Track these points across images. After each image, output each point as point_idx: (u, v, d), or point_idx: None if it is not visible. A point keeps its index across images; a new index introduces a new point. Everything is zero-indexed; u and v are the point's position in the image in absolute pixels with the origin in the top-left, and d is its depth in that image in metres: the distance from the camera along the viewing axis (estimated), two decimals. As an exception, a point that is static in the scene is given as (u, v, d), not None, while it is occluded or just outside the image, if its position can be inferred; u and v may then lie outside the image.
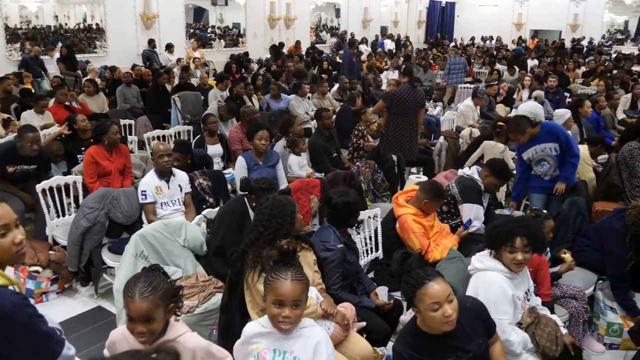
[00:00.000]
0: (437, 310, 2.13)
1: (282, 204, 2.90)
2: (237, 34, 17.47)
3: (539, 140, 4.68)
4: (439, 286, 2.16)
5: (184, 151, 4.90)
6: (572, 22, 22.75)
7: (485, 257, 2.79)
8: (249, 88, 8.29)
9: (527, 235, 2.64)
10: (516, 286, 2.74)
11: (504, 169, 4.14)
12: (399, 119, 5.80)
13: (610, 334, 3.77)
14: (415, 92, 5.83)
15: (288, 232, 2.84)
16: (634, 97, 9.39)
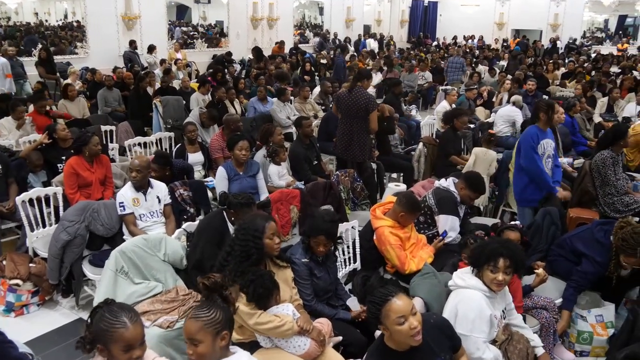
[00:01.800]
0: (403, 323, 2.24)
1: (245, 228, 2.98)
2: (220, 32, 17.41)
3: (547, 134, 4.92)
4: (402, 301, 2.27)
5: (162, 163, 4.92)
6: (552, 22, 23.03)
7: (466, 274, 2.88)
8: (230, 92, 8.31)
9: (510, 256, 2.74)
10: (494, 305, 2.84)
11: (480, 183, 4.22)
12: (345, 121, 5.88)
13: (581, 342, 3.88)
14: (354, 95, 5.80)
15: (256, 255, 2.90)
16: (610, 101, 9.58)
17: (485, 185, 4.37)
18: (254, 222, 2.99)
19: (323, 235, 3.25)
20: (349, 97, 5.80)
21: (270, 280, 2.84)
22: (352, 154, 5.84)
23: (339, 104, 6.01)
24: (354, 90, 5.80)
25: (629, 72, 13.33)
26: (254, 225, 2.98)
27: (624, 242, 3.50)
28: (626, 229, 3.52)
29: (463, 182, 4.20)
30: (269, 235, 2.97)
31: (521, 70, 12.19)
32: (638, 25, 23.22)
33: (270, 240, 2.98)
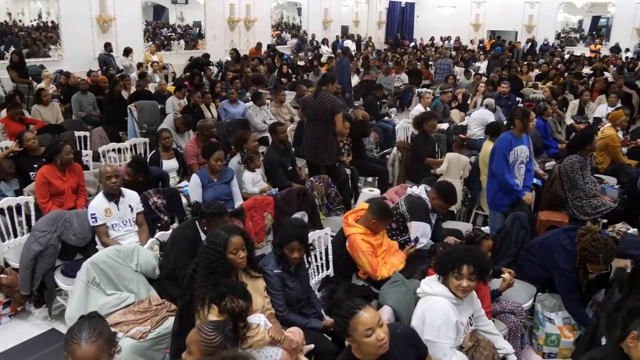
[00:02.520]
0: (370, 335, 2.29)
1: (209, 242, 3.01)
2: (198, 33, 17.33)
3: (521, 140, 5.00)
4: (368, 314, 2.33)
5: (137, 168, 4.95)
6: (527, 23, 23.37)
7: (434, 282, 2.94)
8: (206, 97, 8.29)
9: (474, 263, 2.81)
10: (461, 312, 2.90)
11: (452, 194, 4.29)
12: (312, 124, 5.96)
13: (549, 344, 3.97)
14: (319, 99, 5.87)
15: (221, 270, 2.93)
16: (581, 103, 9.76)
17: (456, 195, 4.43)
18: (218, 236, 2.99)
19: (296, 240, 3.29)
20: (315, 101, 5.88)
21: (242, 292, 2.86)
22: (321, 157, 5.92)
23: (305, 109, 6.09)
24: (320, 94, 5.87)
25: (601, 74, 13.60)
26: (217, 239, 2.98)
27: (585, 251, 3.60)
28: (586, 237, 3.62)
29: (435, 192, 4.26)
30: (231, 251, 2.97)
31: (496, 72, 12.34)
32: (610, 26, 23.62)
33: (233, 255, 2.98)
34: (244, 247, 3.02)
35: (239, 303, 2.45)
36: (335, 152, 6.02)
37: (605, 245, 3.57)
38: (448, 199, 4.25)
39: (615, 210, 5.45)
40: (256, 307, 3.07)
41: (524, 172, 5.12)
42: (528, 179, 5.19)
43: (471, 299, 3.03)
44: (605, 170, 6.88)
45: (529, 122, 4.89)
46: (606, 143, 6.90)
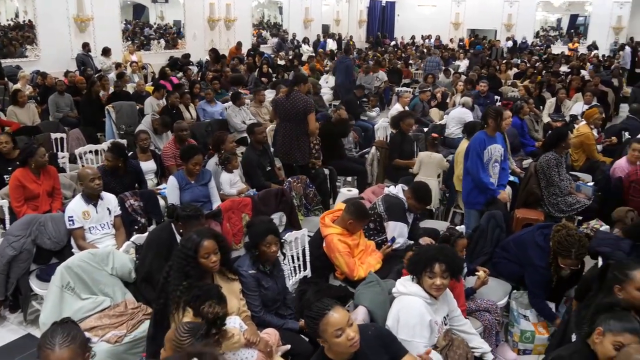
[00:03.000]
0: (340, 335, 2.32)
1: (182, 246, 3.02)
2: (177, 32, 17.21)
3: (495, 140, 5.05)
4: (338, 314, 2.36)
5: (117, 153, 5.06)
6: (506, 22, 23.60)
7: (408, 282, 2.97)
8: (185, 97, 8.25)
9: (446, 261, 2.85)
10: (435, 311, 2.94)
11: (426, 194, 4.32)
12: (285, 125, 6.02)
13: (524, 341, 4.04)
14: (292, 100, 5.93)
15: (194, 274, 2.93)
16: (558, 101, 9.89)
17: (431, 195, 4.47)
18: (189, 240, 2.99)
19: (270, 234, 3.32)
20: (288, 101, 5.94)
21: (217, 295, 2.86)
22: (293, 157, 5.98)
23: (277, 109, 6.13)
24: (292, 95, 5.93)
25: (578, 72, 13.79)
26: (188, 244, 2.98)
27: (559, 245, 3.66)
28: (561, 232, 3.68)
29: (410, 192, 4.30)
30: (203, 255, 2.97)
31: (475, 71, 12.45)
32: (588, 25, 23.94)
33: (205, 259, 2.98)
34: (217, 250, 3.02)
35: (215, 309, 2.45)
36: (308, 152, 6.08)
37: (579, 241, 3.65)
38: (422, 199, 4.29)
39: (590, 207, 5.54)
40: (232, 309, 3.07)
41: (498, 171, 5.19)
42: (502, 178, 5.26)
43: (446, 299, 3.06)
44: (580, 167, 6.98)
45: (502, 122, 4.95)
46: (581, 141, 7.00)
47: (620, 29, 21.66)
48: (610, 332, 2.34)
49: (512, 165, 6.71)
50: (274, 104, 6.24)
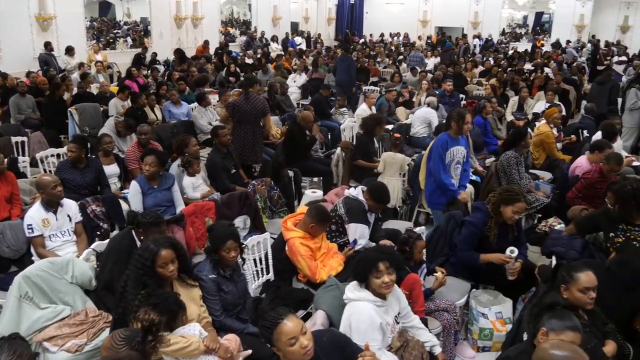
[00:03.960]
0: (294, 344, 2.37)
1: (138, 256, 3.03)
2: (144, 30, 16.99)
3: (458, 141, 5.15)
4: (292, 323, 2.40)
5: (80, 143, 5.17)
6: (473, 20, 23.94)
7: (356, 287, 3.02)
8: (150, 98, 8.17)
9: (387, 258, 2.93)
10: (386, 312, 3.00)
11: (383, 194, 4.40)
12: (241, 126, 6.20)
13: (483, 338, 4.14)
14: (251, 101, 6.22)
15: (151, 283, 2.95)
16: (520, 100, 10.09)
17: (389, 195, 4.54)
18: (146, 250, 3.00)
19: (231, 239, 3.35)
20: (247, 103, 6.17)
21: (175, 302, 2.88)
22: (247, 158, 6.22)
23: (234, 112, 6.28)
24: (250, 97, 6.17)
25: (541, 70, 14.06)
26: (145, 254, 3.00)
27: (505, 192, 3.99)
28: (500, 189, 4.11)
29: (367, 194, 4.37)
30: (160, 265, 2.99)
31: (440, 70, 12.59)
32: (552, 22, 24.44)
33: (162, 269, 3.00)
34: (174, 259, 3.03)
35: (150, 316, 2.46)
36: (261, 153, 6.37)
37: (520, 188, 4.10)
38: (379, 199, 4.36)
39: (549, 205, 5.69)
40: (192, 316, 3.10)
41: (460, 172, 5.29)
42: (463, 179, 5.39)
43: (396, 298, 3.14)
44: (541, 165, 7.15)
45: (464, 125, 5.06)
46: (541, 139, 7.17)
47: (583, 27, 22.17)
48: (553, 332, 2.44)
49: (474, 164, 6.85)
50: (231, 106, 6.36)
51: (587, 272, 2.92)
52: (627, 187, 3.65)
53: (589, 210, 4.78)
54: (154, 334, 2.50)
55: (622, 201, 3.65)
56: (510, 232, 4.22)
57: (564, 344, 2.25)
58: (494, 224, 4.10)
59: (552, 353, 2.19)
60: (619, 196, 3.67)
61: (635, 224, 3.73)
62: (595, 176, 5.29)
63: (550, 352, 2.20)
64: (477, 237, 4.13)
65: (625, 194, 3.64)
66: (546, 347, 2.24)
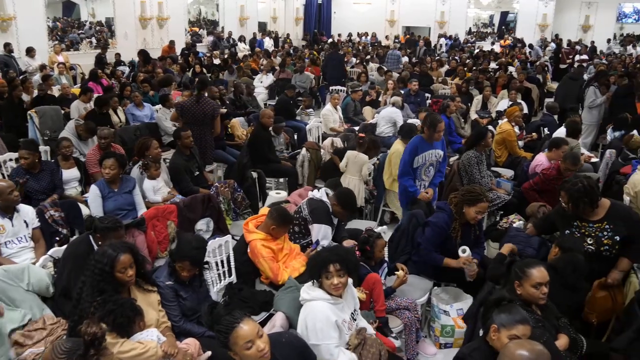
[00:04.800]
0: (251, 348, 2.38)
1: (95, 261, 2.98)
2: (108, 30, 16.70)
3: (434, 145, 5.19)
4: (247, 326, 2.41)
5: (32, 148, 5.09)
6: (439, 19, 24.22)
7: (311, 287, 3.04)
8: (113, 101, 8.05)
9: (338, 260, 2.93)
10: (341, 310, 3.02)
11: (350, 202, 4.44)
12: (191, 128, 6.22)
13: (444, 335, 4.21)
14: (201, 104, 6.38)
15: (109, 289, 2.91)
16: (484, 99, 10.25)
17: (355, 203, 4.56)
18: (105, 255, 2.97)
19: (188, 261, 3.33)
20: (198, 105, 6.30)
21: (131, 308, 2.86)
22: (203, 158, 6.31)
23: (184, 113, 6.38)
24: (202, 99, 6.34)
25: (505, 69, 14.30)
26: (103, 259, 2.96)
27: (467, 193, 4.07)
28: (463, 190, 4.18)
29: (335, 199, 4.39)
30: (119, 270, 2.97)
31: (406, 69, 12.70)
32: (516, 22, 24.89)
33: (121, 274, 2.98)
34: (133, 264, 3.01)
35: (92, 329, 2.43)
36: (211, 155, 6.65)
37: (481, 189, 4.15)
38: (346, 206, 4.40)
39: (510, 202, 5.80)
40: (150, 321, 3.07)
41: (433, 173, 5.41)
42: (436, 177, 5.49)
43: (352, 294, 3.17)
44: (503, 163, 7.29)
45: (434, 133, 5.11)
46: (503, 138, 7.30)
47: (546, 26, 22.62)
48: (504, 328, 2.49)
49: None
50: (181, 108, 6.45)
51: (539, 268, 2.99)
52: (578, 185, 3.74)
53: (547, 207, 4.88)
54: (97, 347, 2.46)
55: (575, 199, 3.74)
56: (473, 231, 4.30)
57: (527, 343, 2.30)
58: (458, 225, 4.17)
59: (519, 354, 2.23)
60: (572, 194, 3.75)
61: (589, 221, 3.82)
62: (553, 173, 5.41)
63: (518, 352, 2.25)
64: (441, 237, 4.19)
65: (577, 192, 3.73)
66: (511, 348, 2.28)
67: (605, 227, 3.75)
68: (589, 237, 3.79)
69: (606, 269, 3.76)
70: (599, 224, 3.78)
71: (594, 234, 3.77)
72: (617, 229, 3.71)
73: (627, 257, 3.73)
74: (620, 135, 7.73)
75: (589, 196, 3.72)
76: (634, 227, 3.73)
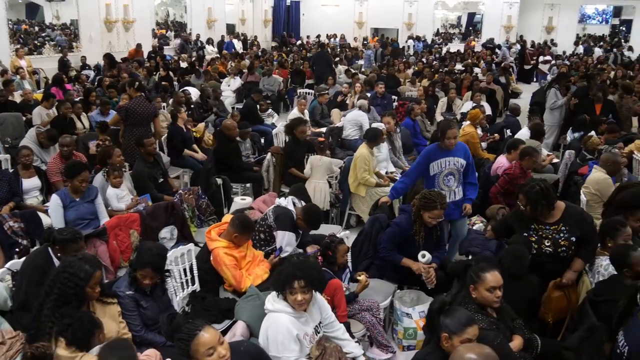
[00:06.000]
0: (212, 354, 2.43)
1: (70, 273, 2.96)
2: (72, 33, 16.39)
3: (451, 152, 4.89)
4: (208, 334, 2.46)
5: None
6: (407, 21, 24.48)
7: (275, 298, 3.06)
8: (76, 106, 7.94)
9: (303, 276, 2.94)
10: (304, 323, 3.04)
11: (316, 220, 4.45)
12: (135, 129, 6.43)
13: (407, 337, 4.27)
14: (145, 105, 6.63)
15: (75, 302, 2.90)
16: (449, 101, 10.41)
17: (320, 220, 4.56)
18: (81, 268, 2.96)
19: (149, 268, 3.33)
20: (140, 106, 6.50)
21: (90, 322, 2.84)
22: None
23: (130, 115, 6.48)
24: (141, 101, 6.59)
25: (471, 70, 14.52)
26: (80, 271, 2.96)
27: (424, 199, 4.14)
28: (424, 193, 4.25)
29: (301, 214, 4.42)
30: (92, 285, 2.97)
31: (373, 71, 12.78)
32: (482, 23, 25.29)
33: (91, 290, 2.99)
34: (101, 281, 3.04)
35: (36, 351, 2.41)
36: None
37: (439, 195, 4.20)
38: (309, 223, 4.44)
39: (473, 203, 5.89)
40: (110, 333, 3.06)
41: (453, 183, 4.96)
42: (470, 192, 5.09)
43: (318, 307, 3.18)
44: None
45: (445, 139, 4.82)
46: (467, 140, 7.42)
47: (511, 28, 23.06)
48: (454, 334, 2.55)
49: (404, 165, 7.04)
50: (124, 110, 6.53)
51: (493, 272, 3.07)
52: (536, 188, 3.83)
53: (506, 209, 4.99)
54: None
55: (533, 202, 3.82)
56: (434, 232, 4.38)
57: (475, 347, 2.36)
58: (420, 227, 4.26)
59: (468, 357, 2.29)
60: (530, 197, 3.83)
61: (546, 223, 3.92)
62: (516, 172, 5.55)
63: (468, 355, 2.31)
64: (400, 237, 4.28)
65: (535, 194, 3.81)
66: (461, 351, 2.34)
67: (561, 228, 3.85)
68: (546, 239, 3.88)
69: (564, 269, 3.87)
70: (555, 225, 3.87)
71: (551, 236, 3.86)
72: (572, 230, 3.82)
73: (580, 257, 3.84)
74: (579, 136, 7.94)
75: (547, 198, 3.81)
76: (586, 229, 3.85)
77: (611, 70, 14.79)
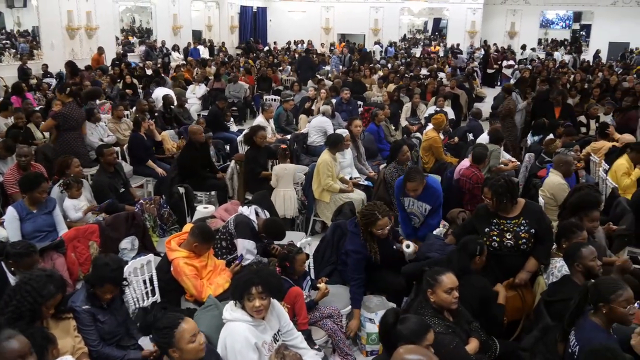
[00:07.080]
0: (194, 341, 2.63)
1: (32, 288, 2.91)
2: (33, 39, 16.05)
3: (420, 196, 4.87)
4: (188, 324, 2.66)
5: None
6: (373, 27, 24.71)
7: (233, 307, 3.06)
8: (35, 116, 7.78)
9: (261, 283, 2.95)
10: (263, 332, 3.04)
11: (278, 232, 4.49)
12: (69, 134, 6.69)
13: (370, 343, 4.30)
14: (78, 110, 6.87)
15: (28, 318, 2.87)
16: (413, 106, 10.53)
17: (283, 233, 4.56)
18: (45, 286, 2.92)
19: (109, 284, 3.30)
20: (75, 112, 6.79)
21: (43, 337, 2.79)
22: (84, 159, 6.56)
23: (67, 120, 6.66)
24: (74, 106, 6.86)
25: (436, 75, 14.71)
26: (43, 289, 2.91)
27: (364, 217, 4.17)
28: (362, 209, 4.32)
29: (263, 226, 4.44)
30: (48, 305, 2.94)
31: (339, 78, 12.85)
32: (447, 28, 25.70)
33: (47, 309, 2.95)
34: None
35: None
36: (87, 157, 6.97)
37: (375, 204, 4.26)
38: (271, 235, 4.48)
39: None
40: (65, 348, 3.02)
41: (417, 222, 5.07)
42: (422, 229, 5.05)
43: (276, 316, 3.19)
44: (431, 169, 7.50)
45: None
46: (430, 144, 7.54)
47: (475, 33, 23.46)
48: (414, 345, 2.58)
49: (367, 171, 7.08)
50: (61, 116, 6.66)
51: (448, 274, 3.14)
52: (501, 181, 3.95)
53: (466, 213, 5.07)
54: None
55: (499, 195, 3.92)
56: (386, 243, 4.40)
57: (416, 349, 2.39)
58: (372, 244, 4.26)
59: (406, 358, 2.32)
60: (495, 190, 3.92)
61: (507, 217, 4.02)
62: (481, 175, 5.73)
63: (406, 356, 2.34)
64: (362, 261, 4.26)
65: (500, 187, 3.92)
66: (400, 353, 2.37)
67: (522, 222, 3.97)
68: (507, 232, 3.98)
69: (523, 265, 3.95)
70: (516, 219, 3.99)
71: (512, 229, 3.97)
72: (531, 223, 3.94)
73: (535, 257, 3.94)
74: (539, 139, 8.12)
75: (511, 192, 3.94)
76: (543, 227, 3.98)
77: (571, 74, 15.19)
